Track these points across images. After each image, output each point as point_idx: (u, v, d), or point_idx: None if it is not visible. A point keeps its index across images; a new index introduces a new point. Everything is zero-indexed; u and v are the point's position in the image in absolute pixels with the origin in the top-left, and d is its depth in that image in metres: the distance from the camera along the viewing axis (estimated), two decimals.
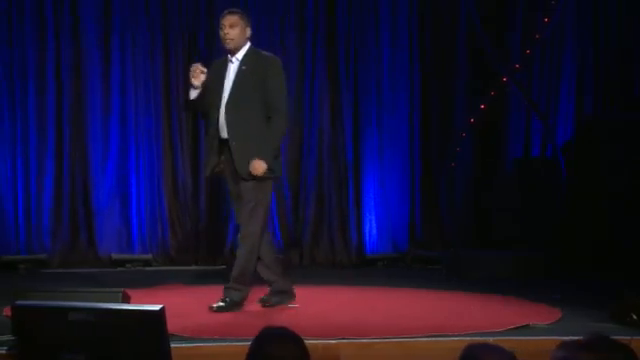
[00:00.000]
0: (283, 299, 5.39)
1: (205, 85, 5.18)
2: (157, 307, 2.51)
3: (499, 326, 4.80)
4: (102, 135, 7.51)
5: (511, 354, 2.41)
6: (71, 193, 7.45)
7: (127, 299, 4.19)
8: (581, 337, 2.50)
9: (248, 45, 5.32)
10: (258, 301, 5.37)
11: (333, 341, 4.36)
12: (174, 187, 7.66)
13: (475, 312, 5.46)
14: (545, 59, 8.12)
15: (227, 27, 5.25)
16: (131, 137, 7.55)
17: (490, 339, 4.22)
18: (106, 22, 7.51)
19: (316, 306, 5.58)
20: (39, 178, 7.37)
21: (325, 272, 7.47)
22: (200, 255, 7.63)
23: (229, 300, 5.20)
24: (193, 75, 5.17)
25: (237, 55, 5.29)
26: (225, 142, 5.23)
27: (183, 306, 5.27)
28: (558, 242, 7.41)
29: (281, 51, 7.68)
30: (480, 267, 7.28)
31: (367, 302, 5.90)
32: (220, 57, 5.48)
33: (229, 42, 5.26)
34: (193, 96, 5.22)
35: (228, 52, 5.31)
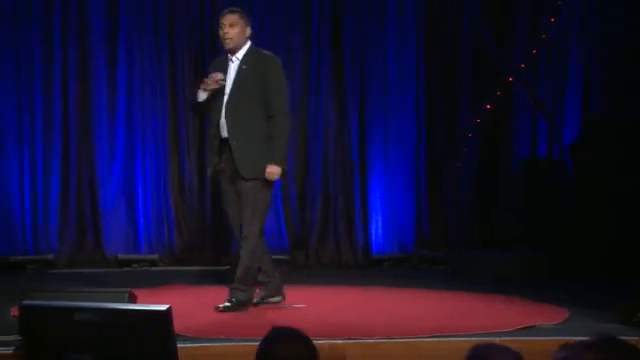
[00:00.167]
0: (272, 295, 5.38)
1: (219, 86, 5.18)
2: (164, 307, 2.52)
3: (505, 326, 4.79)
4: (108, 136, 7.52)
5: (518, 354, 2.41)
6: (78, 193, 7.46)
7: (133, 299, 4.20)
8: (588, 338, 2.50)
9: (249, 44, 5.31)
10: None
11: (339, 341, 4.36)
12: (180, 188, 7.67)
13: (481, 312, 5.46)
14: (551, 59, 8.10)
15: (227, 26, 5.23)
16: (137, 138, 7.55)
17: (496, 339, 4.22)
18: (112, 23, 7.51)
19: (322, 306, 5.59)
20: (46, 178, 7.38)
21: (331, 272, 7.47)
22: (206, 255, 7.63)
23: (235, 300, 5.21)
24: (209, 83, 5.15)
25: (237, 54, 5.27)
26: (225, 141, 5.21)
27: (189, 306, 5.27)
28: (563, 242, 7.40)
29: (286, 52, 7.69)
30: (485, 267, 7.27)
31: (373, 302, 5.90)
32: (221, 56, 5.47)
33: (228, 42, 5.24)
34: (202, 98, 5.21)
35: (228, 51, 5.30)
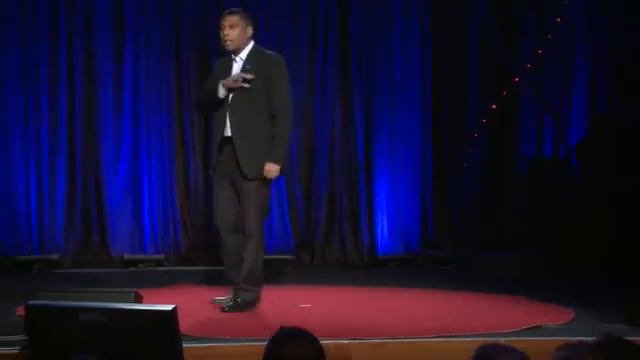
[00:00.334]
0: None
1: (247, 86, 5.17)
2: (169, 307, 2.52)
3: (511, 326, 4.79)
4: (114, 135, 7.53)
5: (523, 355, 2.41)
6: (84, 193, 7.47)
7: (139, 299, 4.20)
8: (594, 338, 2.49)
9: (252, 44, 5.30)
10: (215, 301, 5.29)
11: (345, 341, 4.37)
12: (186, 187, 7.67)
13: (486, 312, 5.45)
14: (557, 59, 8.09)
15: (227, 28, 5.23)
16: (143, 137, 7.56)
17: (502, 339, 4.21)
18: (118, 22, 7.52)
19: (328, 306, 5.59)
20: (51, 178, 7.39)
21: (336, 272, 7.47)
22: (212, 255, 7.62)
23: (240, 300, 5.21)
24: (235, 81, 5.13)
25: (241, 54, 5.27)
26: (228, 140, 5.20)
27: (195, 306, 5.28)
28: (569, 242, 7.38)
29: (292, 51, 7.70)
30: (491, 267, 7.26)
31: (379, 302, 5.90)
32: (225, 56, 5.46)
33: (229, 43, 5.24)
34: (222, 94, 5.18)
35: (230, 52, 5.29)
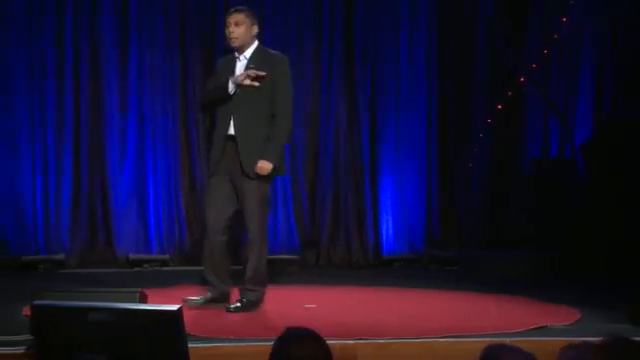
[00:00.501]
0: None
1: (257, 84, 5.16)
2: (175, 307, 2.52)
3: (517, 327, 4.78)
4: (119, 135, 7.53)
5: (531, 355, 2.40)
6: (89, 193, 7.48)
7: (144, 299, 4.20)
8: (600, 338, 2.49)
9: (256, 43, 5.30)
10: (188, 301, 5.20)
11: (350, 341, 4.36)
12: (191, 187, 7.67)
13: (492, 313, 5.44)
14: (563, 59, 8.08)
15: (232, 25, 5.23)
16: (148, 137, 7.57)
17: (507, 340, 4.21)
18: (124, 22, 7.53)
19: (333, 306, 5.59)
20: (57, 178, 7.39)
21: (342, 272, 7.47)
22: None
23: (245, 300, 5.21)
24: (247, 76, 5.12)
25: (245, 53, 5.26)
26: (230, 138, 5.19)
27: (200, 306, 5.28)
28: (575, 243, 7.37)
29: (297, 50, 7.71)
30: (496, 267, 7.25)
31: (384, 302, 5.89)
32: (228, 54, 5.45)
33: (234, 41, 5.23)
34: (232, 91, 5.17)
35: (235, 50, 5.29)
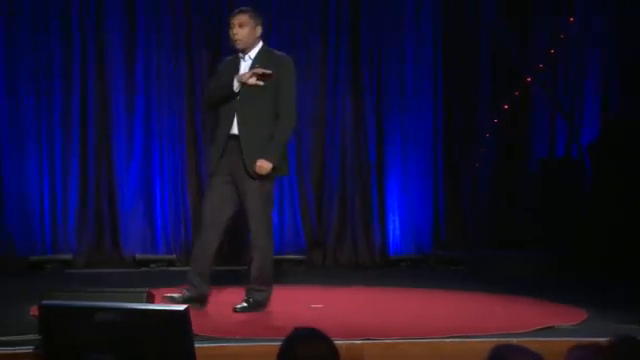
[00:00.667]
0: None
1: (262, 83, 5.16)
2: (182, 307, 2.53)
3: (524, 327, 4.77)
4: (126, 136, 7.55)
5: (539, 356, 2.40)
6: (96, 193, 7.49)
7: (151, 299, 4.21)
8: (607, 338, 2.49)
9: (260, 44, 5.29)
10: (165, 296, 5.16)
11: (357, 341, 4.36)
12: (197, 188, 7.68)
13: (499, 313, 5.44)
14: (570, 58, 8.07)
15: (236, 27, 5.21)
16: (155, 137, 7.58)
17: (514, 340, 4.20)
18: (130, 22, 7.54)
19: (340, 307, 5.59)
20: (64, 179, 7.41)
21: (348, 273, 7.47)
22: (223, 255, 7.63)
23: (252, 301, 5.21)
24: (253, 75, 5.11)
25: (250, 54, 5.25)
26: (233, 138, 5.18)
27: (208, 305, 5.28)
28: (581, 243, 7.36)
29: (304, 51, 7.72)
30: (503, 268, 7.25)
31: (391, 303, 5.90)
32: (231, 55, 5.44)
33: (238, 42, 5.22)
34: (237, 88, 5.16)
35: (239, 51, 5.28)
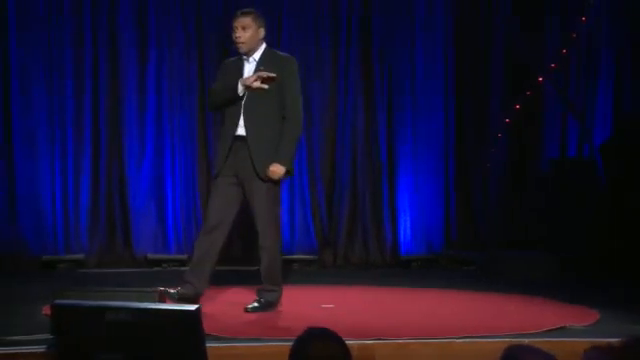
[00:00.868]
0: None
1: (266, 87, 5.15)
2: (193, 307, 2.53)
3: (536, 327, 4.76)
4: (138, 135, 7.57)
5: (552, 356, 2.39)
6: (108, 193, 7.51)
7: (163, 299, 4.22)
8: (619, 339, 2.48)
9: (264, 46, 5.27)
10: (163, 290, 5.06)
11: (369, 341, 4.36)
12: (209, 187, 7.68)
13: (510, 313, 5.43)
14: (582, 58, 8.04)
15: (239, 29, 5.18)
16: (167, 137, 7.59)
17: (525, 340, 4.19)
18: (142, 21, 7.55)
19: (350, 307, 5.59)
20: (76, 178, 7.43)
21: (359, 272, 7.47)
22: (235, 256, 7.65)
23: (263, 301, 5.22)
24: (257, 78, 5.11)
25: (254, 55, 5.24)
26: (239, 139, 5.16)
27: (217, 306, 5.30)
28: (592, 243, 7.33)
29: (315, 51, 7.73)
30: (514, 268, 7.23)
31: (402, 303, 5.89)
32: (233, 56, 5.42)
33: (241, 45, 5.19)
34: (242, 92, 5.16)
35: (243, 54, 5.25)
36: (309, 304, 5.56)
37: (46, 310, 4.66)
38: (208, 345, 2.60)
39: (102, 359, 2.51)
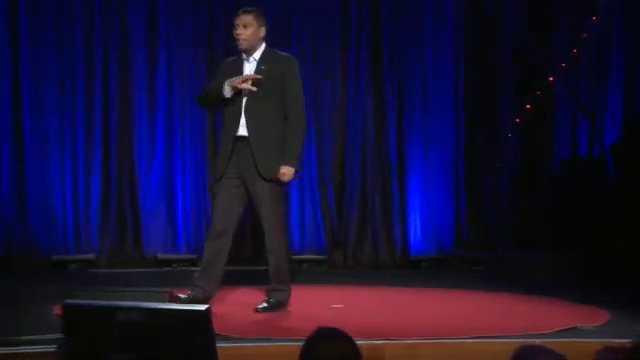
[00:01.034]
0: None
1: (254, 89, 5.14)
2: (203, 307, 2.53)
3: (546, 328, 4.75)
4: (148, 135, 7.58)
5: (563, 357, 2.39)
6: (118, 193, 7.53)
7: (173, 299, 4.22)
8: (630, 340, 2.47)
9: (264, 45, 5.26)
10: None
11: (378, 342, 4.35)
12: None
13: (521, 313, 5.42)
14: (592, 58, 8.01)
15: (240, 27, 5.18)
16: (177, 137, 7.61)
17: (537, 341, 4.18)
18: (152, 22, 7.57)
19: (360, 307, 5.59)
20: (87, 178, 7.45)
21: (369, 273, 7.46)
22: (244, 256, 7.65)
23: (273, 301, 5.22)
24: (244, 81, 5.11)
25: (254, 55, 5.22)
26: (241, 139, 5.15)
27: (227, 306, 5.31)
28: (603, 243, 7.30)
29: (325, 51, 7.73)
30: (524, 268, 7.21)
31: (412, 303, 5.89)
32: (232, 55, 5.41)
33: (242, 42, 5.18)
34: (229, 94, 5.14)
35: (243, 51, 5.25)
36: (319, 304, 5.56)
37: (57, 310, 4.67)
38: (218, 345, 2.60)
39: (113, 359, 2.51)
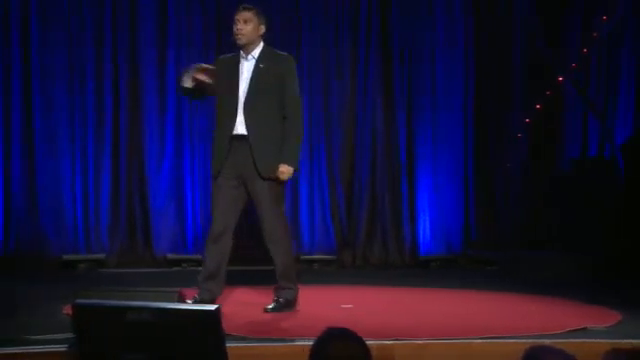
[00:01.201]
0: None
1: (209, 81, 5.13)
2: (213, 307, 2.53)
3: (556, 328, 4.73)
4: (158, 135, 7.60)
5: (573, 357, 2.38)
6: (128, 193, 7.55)
7: (182, 299, 4.23)
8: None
9: (262, 44, 5.26)
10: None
11: (388, 342, 4.35)
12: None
13: (531, 313, 5.40)
14: (603, 58, 7.99)
15: (241, 22, 5.19)
16: (186, 137, 7.62)
17: (547, 341, 4.17)
18: (162, 22, 7.59)
19: (370, 307, 5.58)
20: (97, 178, 7.47)
21: (378, 273, 7.46)
22: (250, 256, 7.64)
23: (282, 300, 5.21)
24: (197, 71, 5.12)
25: (252, 53, 5.21)
26: (238, 138, 5.13)
27: (235, 306, 5.31)
28: (613, 243, 7.28)
29: (334, 51, 7.74)
30: (534, 268, 7.20)
31: (421, 303, 5.88)
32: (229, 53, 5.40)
33: (241, 37, 5.18)
34: (188, 84, 5.15)
35: (240, 48, 5.23)
36: (328, 304, 5.56)
37: (67, 309, 4.68)
38: (228, 345, 2.60)
39: (122, 359, 2.52)
